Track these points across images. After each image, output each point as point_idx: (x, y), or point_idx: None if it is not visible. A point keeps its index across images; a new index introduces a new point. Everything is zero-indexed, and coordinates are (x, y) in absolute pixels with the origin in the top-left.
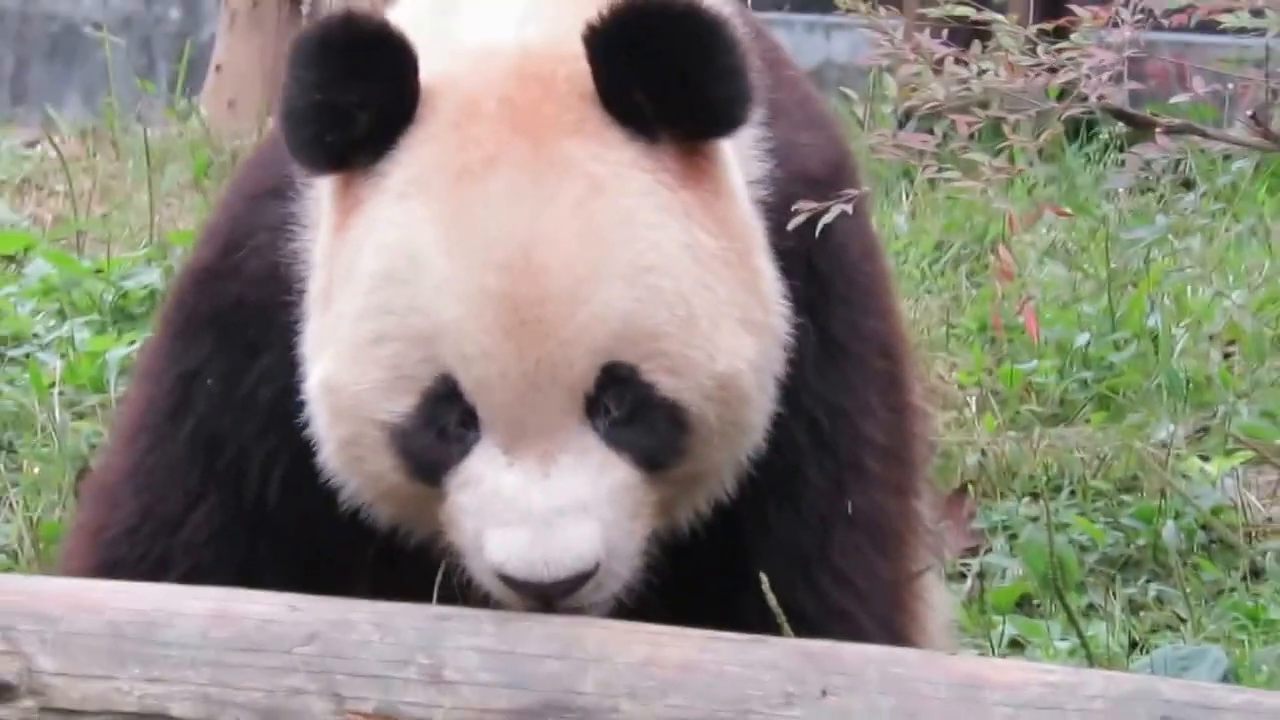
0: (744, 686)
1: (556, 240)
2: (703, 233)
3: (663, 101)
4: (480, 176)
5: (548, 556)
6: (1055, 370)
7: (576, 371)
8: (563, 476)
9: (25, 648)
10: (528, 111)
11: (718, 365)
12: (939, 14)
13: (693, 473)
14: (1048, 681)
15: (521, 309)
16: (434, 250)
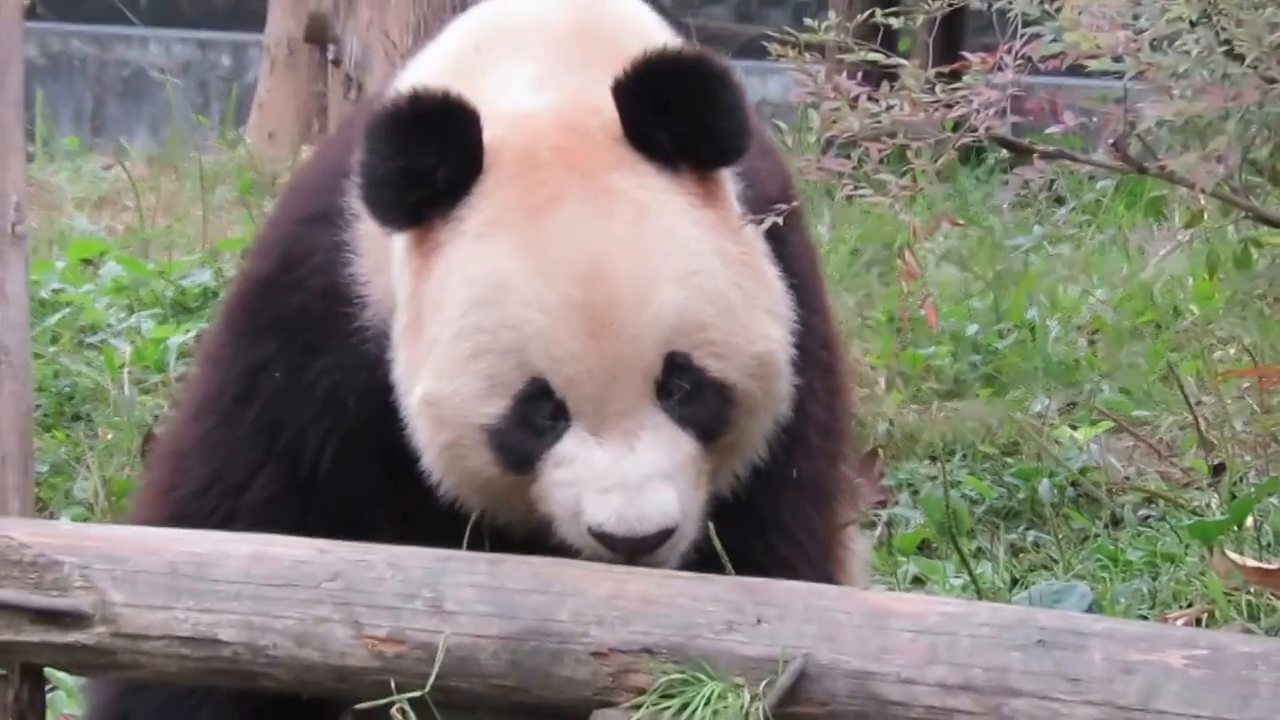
0: (693, 615)
1: (619, 254)
2: (726, 241)
3: (680, 137)
4: (550, 209)
5: (642, 515)
6: (950, 354)
7: (647, 362)
8: (645, 450)
9: (99, 584)
10: (576, 155)
11: (756, 346)
12: (854, 59)
13: (734, 442)
14: (944, 612)
15: (599, 314)
16: (518, 275)
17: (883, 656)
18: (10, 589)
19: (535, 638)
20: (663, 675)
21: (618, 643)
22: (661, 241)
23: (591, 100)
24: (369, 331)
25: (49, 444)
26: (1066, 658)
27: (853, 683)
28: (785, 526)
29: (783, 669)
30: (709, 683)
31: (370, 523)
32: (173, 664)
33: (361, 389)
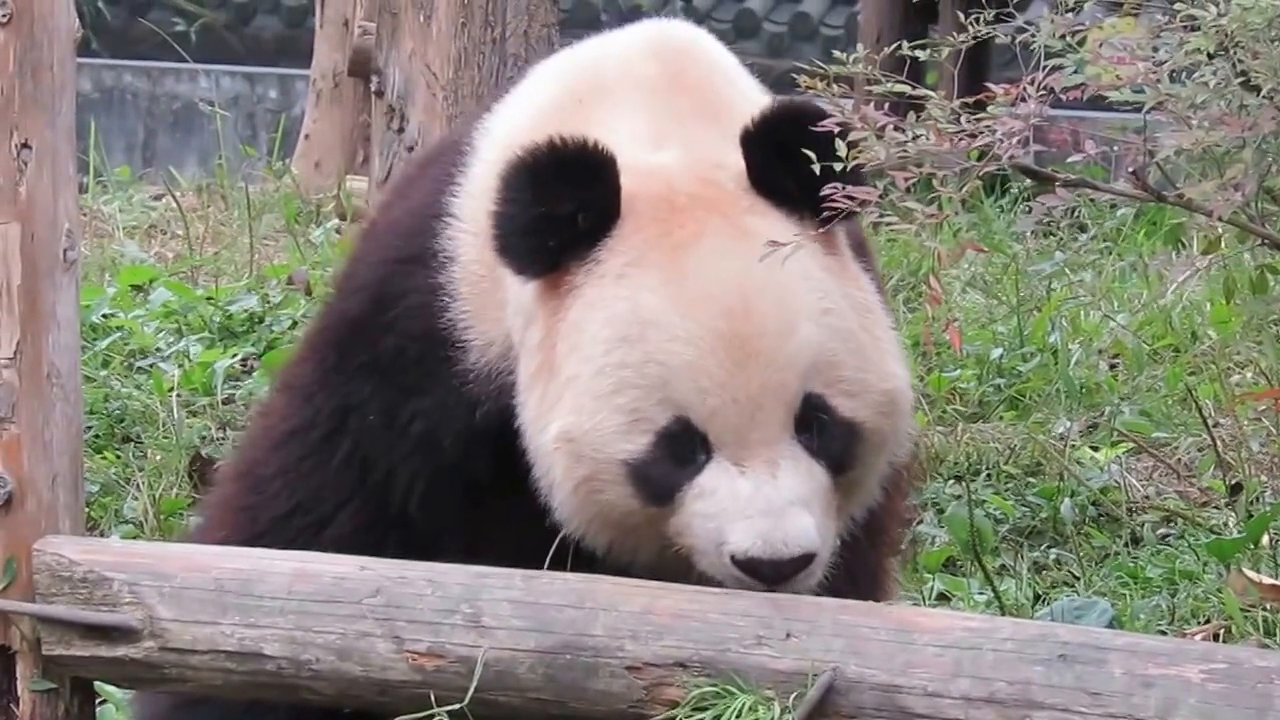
0: (724, 630)
1: (763, 289)
2: (851, 287)
3: (806, 185)
4: (692, 246)
5: (786, 538)
6: (974, 378)
7: (790, 392)
8: (786, 478)
9: (147, 600)
10: (711, 199)
11: (885, 385)
12: (882, 91)
13: (858, 479)
14: (968, 627)
15: (746, 344)
16: (662, 310)
17: (909, 670)
18: (61, 605)
19: (571, 652)
20: (695, 688)
21: (651, 657)
22: (800, 280)
23: (712, 154)
24: (471, 375)
25: (99, 465)
26: (1088, 672)
27: (879, 696)
28: (841, 564)
29: (812, 682)
30: (740, 696)
31: (446, 555)
32: (218, 678)
33: (457, 430)
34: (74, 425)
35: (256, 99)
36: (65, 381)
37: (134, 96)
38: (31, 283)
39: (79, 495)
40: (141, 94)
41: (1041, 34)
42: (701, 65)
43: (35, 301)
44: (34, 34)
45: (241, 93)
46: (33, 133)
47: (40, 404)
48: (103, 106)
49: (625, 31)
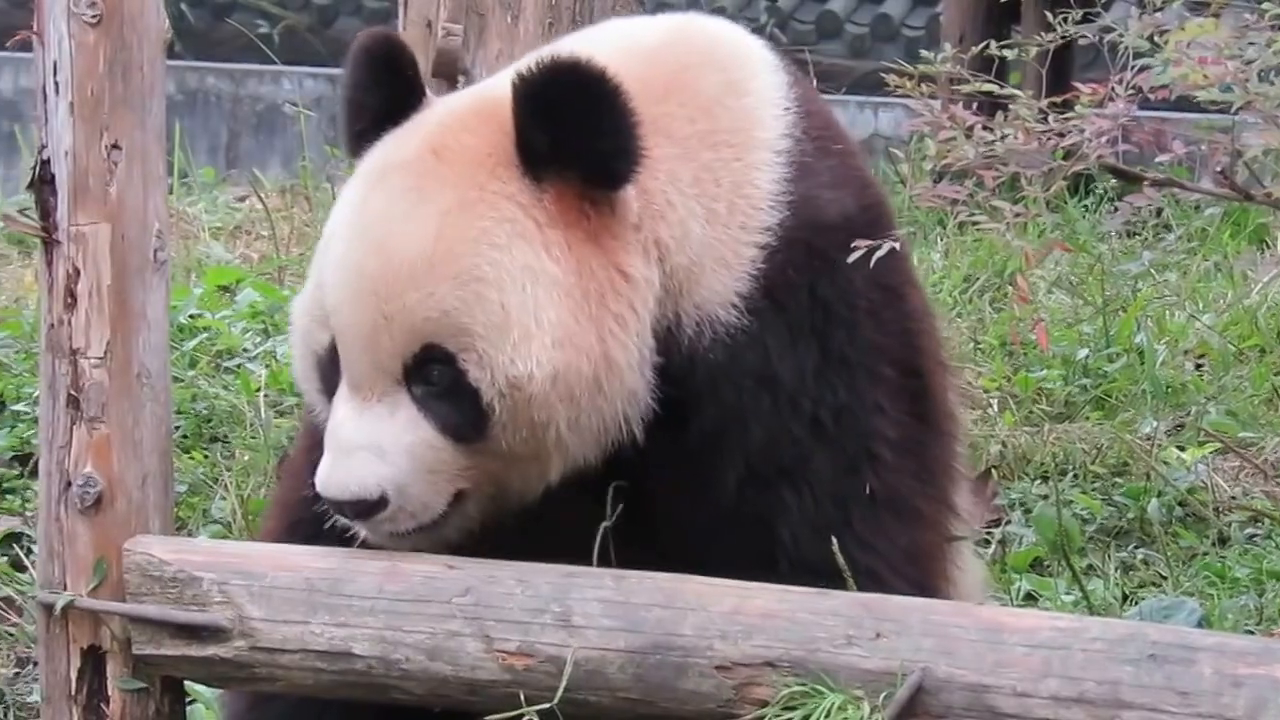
0: (813, 630)
1: (413, 235)
2: (552, 264)
3: (560, 148)
4: (386, 176)
5: (341, 481)
6: (1061, 378)
7: (397, 341)
8: (372, 421)
9: (237, 599)
10: (454, 134)
11: (515, 368)
12: (968, 90)
13: (508, 454)
14: (1057, 626)
15: (367, 279)
16: (337, 228)
17: (998, 670)
18: (152, 604)
19: (660, 651)
20: (784, 688)
21: (741, 656)
22: (462, 240)
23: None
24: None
25: (187, 465)
26: (1177, 672)
27: (969, 695)
28: (860, 537)
29: (901, 682)
30: (829, 695)
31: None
32: (308, 677)
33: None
34: (163, 425)
35: (339, 100)
36: (155, 381)
37: (217, 98)
38: (121, 283)
39: (169, 495)
40: (225, 96)
41: (1129, 34)
42: (693, 55)
43: (125, 302)
44: (124, 35)
45: (324, 94)
46: (123, 133)
47: (130, 404)
48: (186, 108)
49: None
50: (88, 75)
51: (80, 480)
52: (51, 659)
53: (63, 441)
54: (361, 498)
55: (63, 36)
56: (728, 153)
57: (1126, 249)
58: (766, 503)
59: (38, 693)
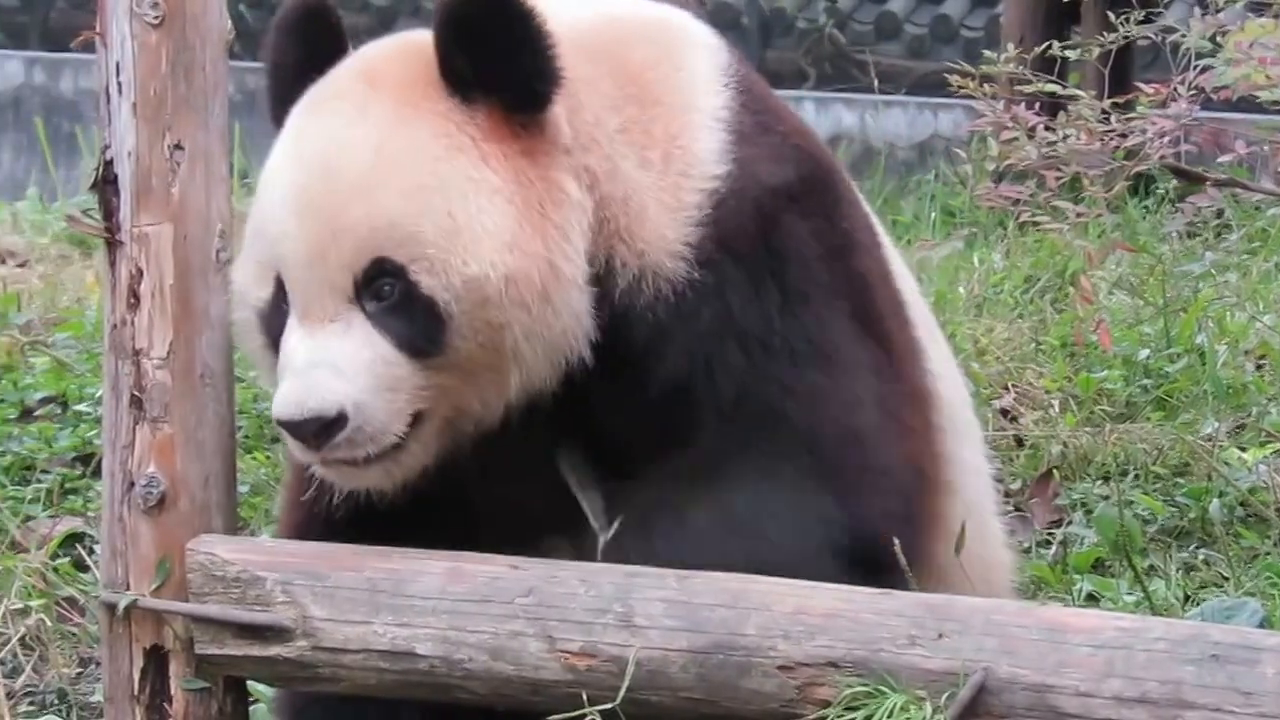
0: (876, 630)
1: (354, 152)
2: (492, 174)
3: (480, 71)
4: (320, 106)
5: (299, 399)
6: (1122, 378)
7: (345, 256)
8: (324, 339)
9: (300, 599)
10: (383, 63)
11: (469, 269)
12: (1029, 91)
13: (465, 366)
14: (1119, 627)
15: (311, 198)
16: (274, 166)
17: (1060, 670)
18: (214, 604)
19: (723, 651)
20: (847, 688)
21: (803, 656)
22: (404, 153)
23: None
24: None
25: (249, 465)
26: (1239, 672)
27: (1031, 696)
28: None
29: (963, 682)
30: (892, 695)
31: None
32: (371, 677)
33: None
34: (226, 425)
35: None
36: (218, 382)
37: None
38: (184, 283)
39: (232, 495)
40: None
41: (1191, 34)
42: (630, 30)
43: (188, 302)
44: (186, 35)
45: None
46: (185, 134)
47: (193, 404)
48: (246, 109)
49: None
50: (150, 76)
51: (143, 480)
52: (114, 659)
53: (126, 442)
54: (320, 414)
55: (125, 37)
56: (658, 111)
57: (1187, 250)
58: (740, 447)
59: (100, 692)
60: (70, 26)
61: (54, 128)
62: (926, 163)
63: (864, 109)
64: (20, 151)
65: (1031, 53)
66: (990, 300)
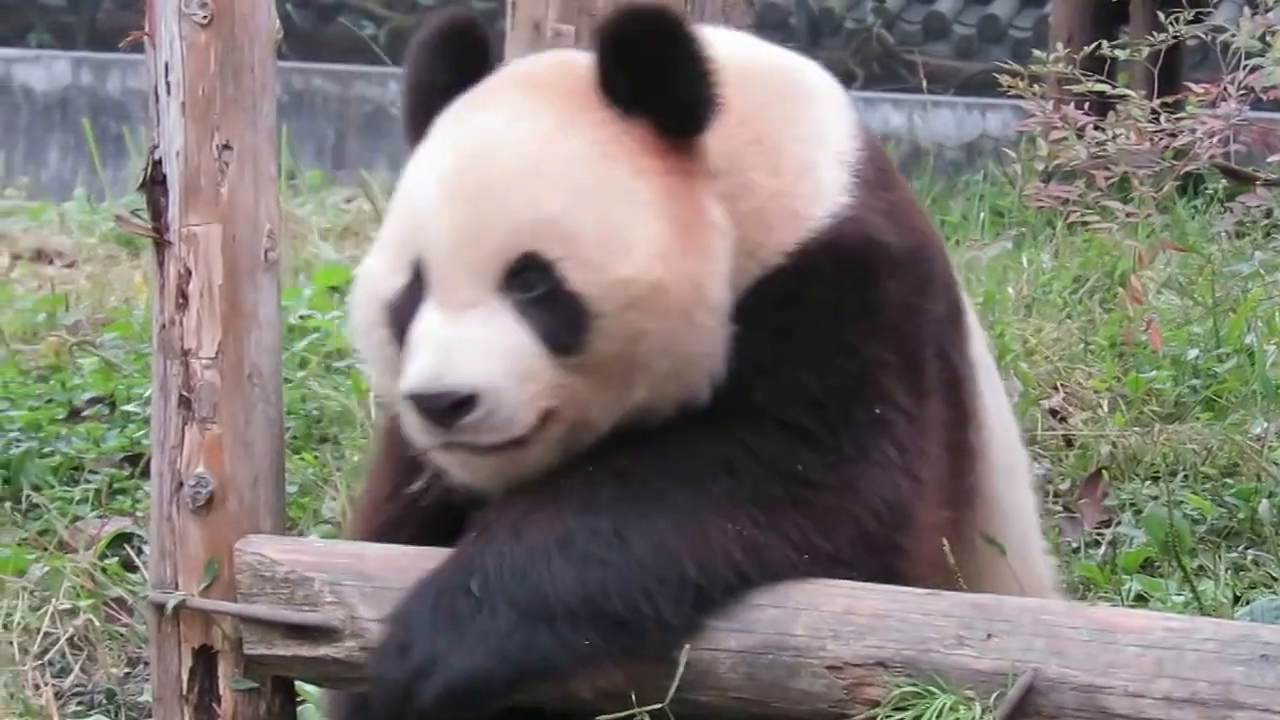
0: (925, 630)
1: (516, 145)
2: (645, 188)
3: (638, 88)
4: (481, 104)
5: (435, 373)
6: (1171, 378)
7: (497, 244)
8: (466, 323)
9: (348, 599)
10: (543, 73)
11: (622, 270)
12: (1078, 90)
13: (599, 370)
14: (1169, 627)
15: (468, 185)
16: (429, 159)
17: (1109, 671)
18: (263, 604)
19: (772, 651)
20: (896, 688)
21: (852, 656)
22: (565, 154)
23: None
24: None
25: (298, 465)
26: None
27: (1080, 696)
28: None
29: (1012, 683)
30: (941, 696)
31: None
32: None
33: None
34: (275, 425)
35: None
36: (266, 382)
37: (324, 100)
38: (233, 283)
39: (280, 495)
40: (332, 98)
41: (1240, 34)
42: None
43: (237, 302)
44: (234, 35)
45: None
46: (234, 134)
47: (242, 404)
48: (293, 110)
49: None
50: (199, 76)
51: (192, 480)
52: (163, 659)
53: (174, 442)
54: (455, 390)
55: (174, 37)
56: (795, 133)
57: (1236, 249)
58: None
59: (148, 693)
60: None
61: (101, 128)
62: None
63: (912, 109)
64: (68, 152)
65: (1080, 52)
66: (1039, 300)
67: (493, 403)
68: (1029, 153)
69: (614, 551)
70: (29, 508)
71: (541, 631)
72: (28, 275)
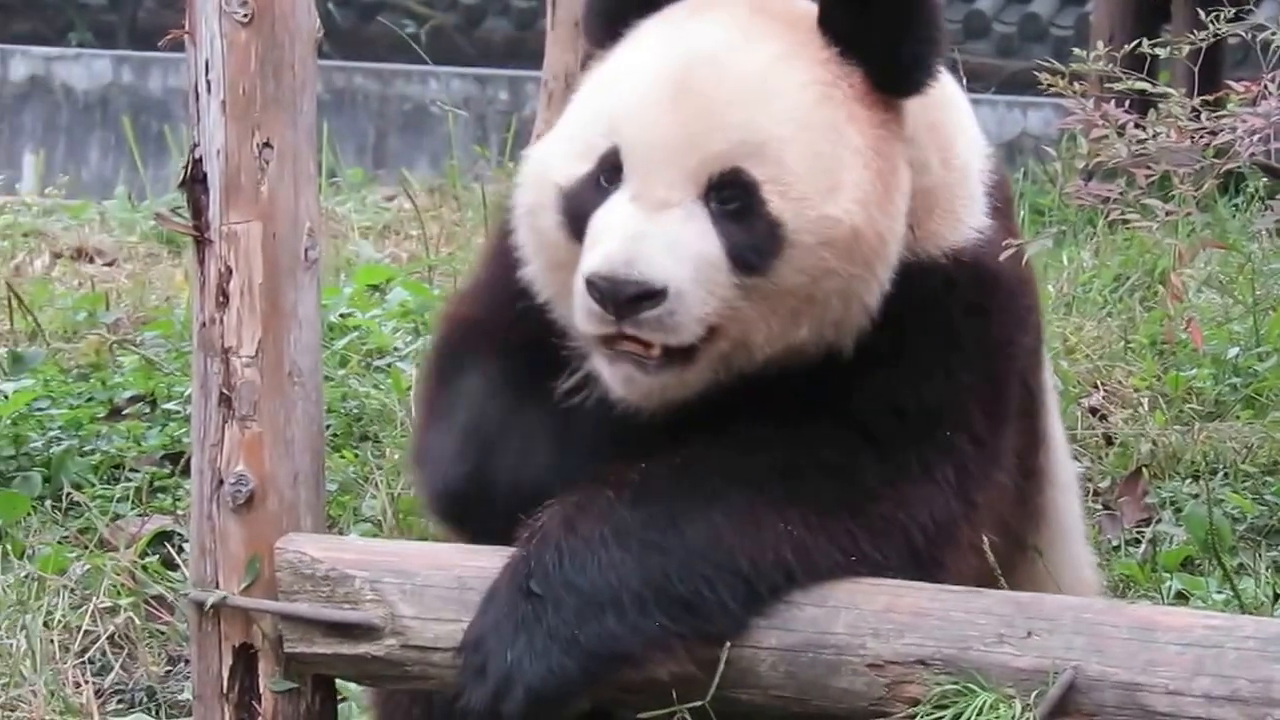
0: (965, 628)
1: (743, 63)
2: (856, 135)
3: (860, 35)
4: (703, 14)
5: (629, 259)
6: (1211, 376)
7: (710, 152)
8: (663, 220)
9: (389, 597)
10: (770, 3)
11: (828, 209)
12: (1120, 89)
13: (777, 297)
14: (1210, 625)
15: (692, 88)
16: (640, 60)
17: (1150, 669)
18: (304, 602)
19: (812, 650)
20: (936, 686)
21: (893, 655)
22: (786, 83)
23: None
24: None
25: (338, 464)
26: None
27: (1121, 694)
28: None
29: (1053, 680)
30: (981, 694)
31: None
32: None
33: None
34: (315, 424)
35: (487, 100)
36: (306, 380)
37: (365, 98)
38: (273, 281)
39: (320, 493)
40: (372, 96)
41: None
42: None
43: (277, 300)
44: (275, 33)
45: (472, 94)
46: (274, 132)
47: (282, 402)
48: (334, 108)
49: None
50: (239, 74)
51: (232, 479)
52: (203, 657)
53: (215, 440)
54: (645, 281)
55: (214, 35)
56: (956, 134)
57: (1277, 248)
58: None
59: (189, 691)
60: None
61: (142, 127)
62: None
63: None
64: (108, 150)
65: (1121, 50)
66: (1079, 298)
67: (675, 303)
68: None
69: (669, 538)
70: (69, 506)
71: (609, 618)
72: (68, 273)
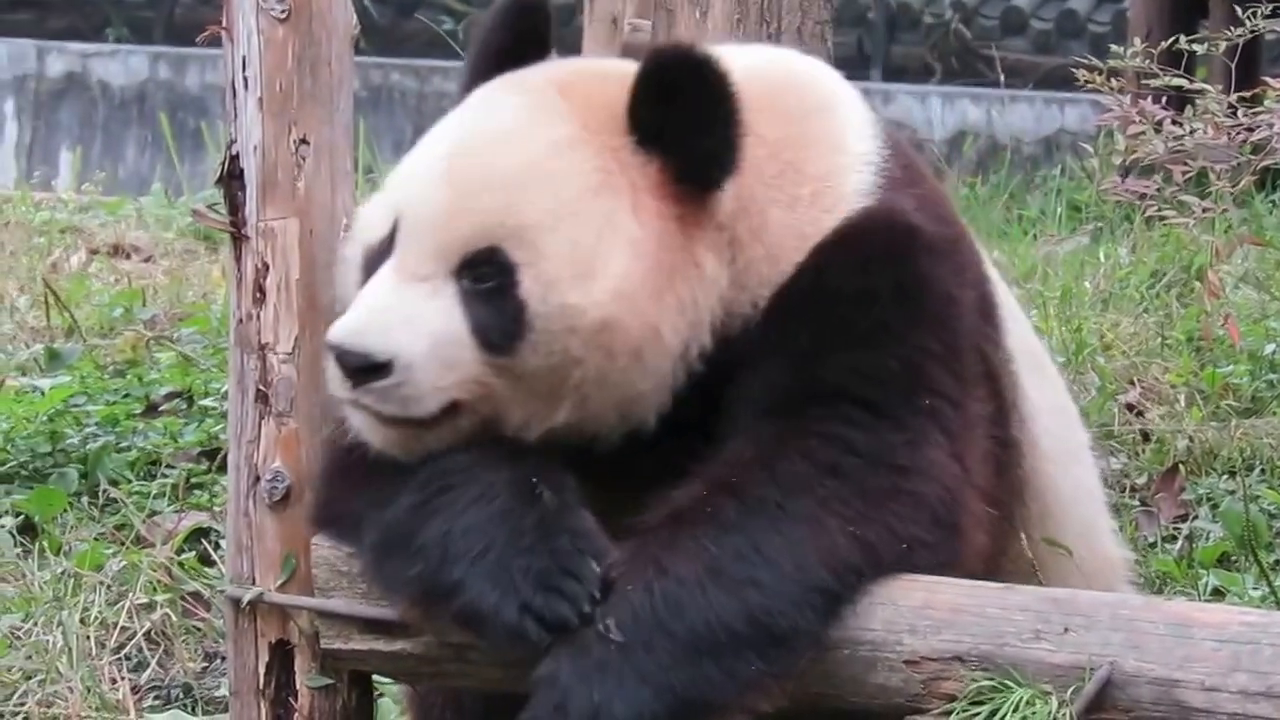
0: (1001, 625)
1: (518, 148)
2: (636, 226)
3: (665, 130)
4: (504, 94)
5: (358, 330)
6: (1248, 373)
7: (465, 229)
8: (409, 292)
9: None
10: (584, 80)
11: (570, 298)
12: (1157, 85)
13: (522, 380)
14: (1246, 621)
15: (463, 167)
16: (451, 122)
17: (1186, 665)
18: (340, 599)
19: (849, 646)
20: (972, 682)
21: (929, 651)
22: (561, 173)
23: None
24: None
25: None
26: None
27: (1157, 690)
28: None
29: (1089, 676)
30: (1018, 690)
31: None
32: (496, 672)
33: None
34: None
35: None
36: None
37: (402, 95)
38: (309, 278)
39: None
40: (409, 92)
41: None
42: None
43: (313, 296)
44: (312, 30)
45: None
46: (311, 128)
47: (319, 399)
48: (371, 105)
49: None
50: (276, 70)
51: (269, 475)
52: (240, 653)
53: (251, 436)
54: (370, 353)
55: (252, 32)
56: (812, 153)
57: None
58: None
59: (225, 687)
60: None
61: (179, 123)
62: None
63: (990, 104)
64: (145, 147)
65: (1158, 47)
66: (1116, 295)
67: (403, 376)
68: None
69: (762, 570)
70: (106, 502)
71: (706, 664)
72: (105, 270)
